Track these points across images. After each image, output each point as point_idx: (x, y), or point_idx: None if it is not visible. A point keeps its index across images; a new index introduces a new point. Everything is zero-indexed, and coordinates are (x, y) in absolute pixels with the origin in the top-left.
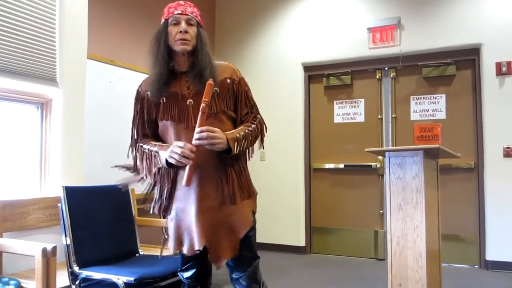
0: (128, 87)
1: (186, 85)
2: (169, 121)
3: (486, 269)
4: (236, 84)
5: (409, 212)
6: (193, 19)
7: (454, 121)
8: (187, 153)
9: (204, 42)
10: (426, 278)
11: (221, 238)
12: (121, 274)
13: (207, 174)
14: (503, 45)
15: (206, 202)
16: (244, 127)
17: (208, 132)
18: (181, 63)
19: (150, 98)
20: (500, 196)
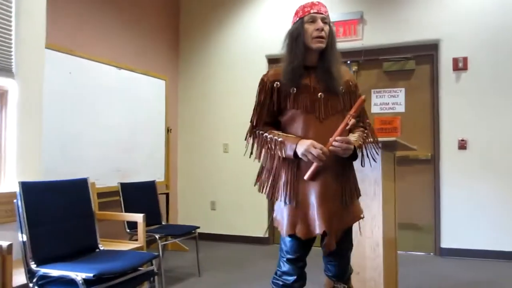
0: (89, 78)
1: (316, 79)
2: (299, 110)
3: (440, 256)
4: (355, 87)
5: (368, 203)
6: (326, 17)
7: (413, 114)
8: (322, 156)
9: (334, 40)
10: (382, 266)
11: (334, 226)
12: (80, 270)
13: (330, 171)
14: (460, 41)
15: (326, 195)
16: (361, 133)
17: (347, 145)
18: (311, 59)
19: (282, 88)
20: (454, 187)
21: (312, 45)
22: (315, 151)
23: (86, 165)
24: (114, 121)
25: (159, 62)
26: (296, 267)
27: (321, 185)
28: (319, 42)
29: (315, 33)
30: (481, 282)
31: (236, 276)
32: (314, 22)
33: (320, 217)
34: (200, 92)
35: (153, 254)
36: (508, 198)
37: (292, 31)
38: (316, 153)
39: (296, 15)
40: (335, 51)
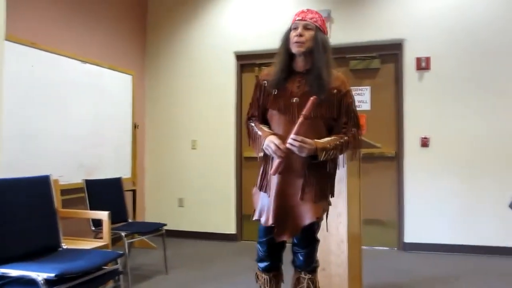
0: (52, 72)
1: (297, 85)
2: (275, 111)
3: (403, 251)
4: (341, 95)
5: (333, 200)
6: (310, 24)
7: (378, 112)
8: (279, 152)
9: (320, 44)
10: (347, 261)
11: (287, 220)
12: (41, 270)
13: (293, 169)
14: (423, 41)
15: (285, 190)
16: (337, 138)
17: (300, 143)
18: (299, 64)
19: (266, 87)
20: (417, 183)
21: (293, 50)
22: (273, 145)
23: (49, 161)
24: (79, 116)
25: (125, 57)
26: (265, 254)
27: (283, 181)
28: (297, 47)
29: (294, 39)
30: (442, 276)
31: (204, 274)
32: (296, 29)
33: (272, 211)
34: (168, 87)
35: (118, 252)
36: (468, 194)
37: (282, 38)
38: (273, 148)
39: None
40: (323, 57)
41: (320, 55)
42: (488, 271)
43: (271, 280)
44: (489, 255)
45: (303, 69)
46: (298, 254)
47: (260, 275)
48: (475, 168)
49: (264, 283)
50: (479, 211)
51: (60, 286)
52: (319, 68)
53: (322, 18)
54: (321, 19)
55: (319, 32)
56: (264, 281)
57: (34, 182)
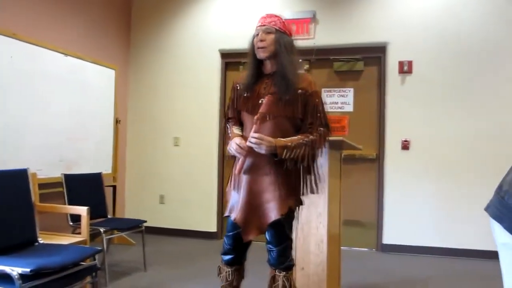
0: (33, 64)
1: (264, 86)
2: (245, 112)
3: (382, 252)
4: (307, 95)
5: (314, 200)
6: (270, 27)
7: (360, 114)
8: (239, 150)
9: (283, 46)
10: (326, 261)
11: (254, 219)
12: (16, 265)
13: (259, 168)
14: (406, 45)
15: (252, 189)
16: (301, 137)
17: (257, 139)
18: (267, 67)
19: (239, 90)
20: (397, 185)
21: (258, 55)
22: (234, 145)
23: (28, 154)
24: (59, 110)
25: (109, 51)
26: (230, 247)
27: (250, 180)
28: (261, 52)
29: (257, 45)
30: (419, 277)
31: (183, 271)
32: (257, 35)
33: (239, 209)
34: (151, 83)
35: (96, 248)
36: (447, 197)
37: (249, 44)
38: (234, 147)
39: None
40: (287, 59)
41: (284, 56)
42: (464, 274)
43: (233, 274)
44: (466, 258)
45: (271, 71)
46: (271, 252)
47: (222, 268)
48: (454, 171)
49: (226, 276)
50: (457, 214)
51: (36, 281)
52: (284, 69)
53: (282, 20)
54: (281, 21)
55: (281, 34)
56: (226, 274)
57: (12, 175)
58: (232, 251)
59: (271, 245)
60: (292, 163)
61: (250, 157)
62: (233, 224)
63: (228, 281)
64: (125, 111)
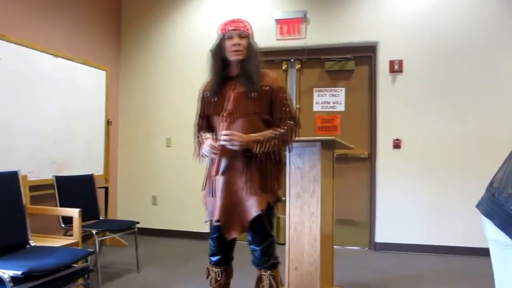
0: (22, 65)
1: (232, 88)
2: (216, 116)
3: (374, 250)
4: (274, 92)
5: (307, 200)
6: (243, 32)
7: (352, 113)
8: (213, 150)
9: (254, 51)
10: (320, 261)
11: (234, 217)
12: (7, 267)
13: (235, 166)
14: (397, 44)
15: (230, 188)
16: (271, 131)
17: (229, 136)
18: (234, 69)
19: (207, 98)
20: (388, 184)
21: (231, 58)
22: (207, 147)
23: (18, 156)
24: (50, 112)
25: (99, 52)
26: (216, 249)
27: (226, 180)
28: (237, 55)
29: (232, 48)
30: (411, 275)
31: (176, 272)
32: (231, 38)
33: (219, 209)
34: (143, 84)
35: (88, 250)
36: (438, 195)
37: (213, 48)
38: (208, 148)
39: (218, 31)
40: (254, 61)
41: (252, 60)
42: (456, 271)
43: (222, 273)
44: (458, 255)
45: (236, 73)
46: (254, 252)
47: (211, 270)
48: (445, 169)
49: (216, 276)
50: (448, 212)
51: (28, 284)
52: (248, 70)
53: (250, 26)
54: (250, 26)
55: (251, 39)
56: (215, 274)
57: (2, 177)
58: (219, 252)
59: (253, 245)
60: (265, 157)
61: (225, 158)
62: (216, 226)
63: (217, 281)
64: (116, 112)
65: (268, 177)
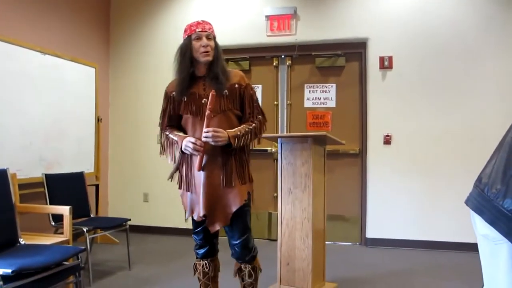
0: (9, 63)
1: (203, 87)
2: (188, 115)
3: (366, 246)
4: (243, 88)
5: (298, 196)
6: (210, 34)
7: (343, 109)
8: (197, 147)
9: (220, 52)
10: (311, 256)
11: (217, 210)
12: None
13: (214, 161)
14: (387, 41)
15: (211, 182)
16: (245, 126)
17: (213, 133)
18: (201, 69)
19: (175, 97)
20: (379, 180)
21: (200, 59)
22: (190, 144)
23: (7, 155)
24: (39, 109)
25: (88, 49)
26: (202, 241)
27: (207, 175)
28: (206, 56)
29: (201, 49)
30: (402, 270)
31: (167, 269)
32: (200, 39)
33: (202, 203)
34: (133, 81)
35: (79, 248)
36: (428, 190)
37: (181, 47)
38: (191, 146)
39: (185, 33)
40: (221, 62)
41: (219, 60)
42: (445, 266)
43: (209, 265)
44: (447, 251)
45: (204, 73)
46: (234, 247)
47: (198, 264)
48: (436, 165)
49: (203, 268)
50: (438, 208)
51: (18, 282)
52: (215, 70)
53: (213, 27)
54: (213, 28)
55: (215, 40)
56: (203, 268)
57: None
58: (205, 243)
59: (233, 239)
60: (240, 150)
61: (206, 153)
62: (195, 223)
63: (206, 274)
64: (106, 109)
65: (245, 169)
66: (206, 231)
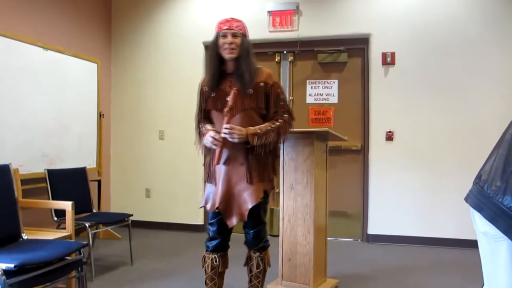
0: (11, 58)
1: (229, 84)
2: (214, 110)
3: (367, 242)
4: (269, 87)
5: (300, 192)
6: (237, 32)
7: (345, 105)
8: (214, 142)
9: (246, 50)
10: (313, 252)
11: (233, 206)
12: (0, 260)
13: (235, 158)
14: (389, 36)
15: (230, 177)
16: (268, 124)
17: (230, 130)
18: (230, 67)
19: (206, 93)
20: (381, 176)
21: (225, 56)
22: (210, 138)
23: (9, 150)
24: (41, 105)
25: (90, 44)
26: (215, 234)
27: (227, 170)
28: (230, 53)
29: (225, 46)
30: (404, 266)
31: (169, 264)
32: (225, 37)
33: (219, 197)
34: (135, 76)
35: (81, 242)
36: (430, 187)
37: (210, 45)
38: (210, 140)
39: (215, 30)
40: (248, 60)
41: (245, 58)
42: (446, 262)
43: (219, 259)
44: (448, 247)
45: (232, 70)
46: (247, 235)
47: (207, 256)
48: (437, 162)
49: (211, 263)
50: (440, 204)
51: (21, 277)
52: (242, 68)
53: (245, 25)
54: (244, 26)
55: (245, 38)
56: (212, 261)
57: None
58: (218, 236)
59: (247, 228)
60: (261, 148)
61: (226, 149)
62: (214, 213)
63: (213, 268)
64: (108, 105)
65: (265, 167)
66: (221, 224)
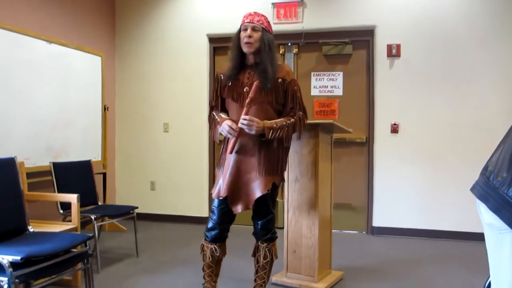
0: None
1: (247, 76)
2: (229, 99)
3: (372, 235)
4: (287, 83)
5: (305, 184)
6: (258, 26)
7: (350, 97)
8: (231, 131)
9: (266, 44)
10: (318, 244)
11: (241, 194)
12: (6, 253)
13: (247, 149)
14: (394, 28)
15: (239, 167)
16: (284, 119)
17: (248, 121)
18: (250, 59)
19: (222, 81)
20: (386, 169)
21: (244, 49)
22: (226, 126)
23: (14, 144)
24: (45, 98)
25: (94, 37)
26: (215, 222)
27: (237, 159)
28: (248, 47)
29: (244, 40)
30: (408, 259)
31: (174, 256)
32: (246, 30)
33: (225, 185)
34: (139, 69)
35: (87, 235)
36: (435, 179)
37: (234, 37)
38: (227, 128)
39: (240, 23)
40: (268, 54)
41: (265, 53)
42: (450, 255)
43: (217, 250)
44: (454, 240)
45: (253, 63)
46: (255, 225)
47: (206, 246)
48: (442, 154)
49: (210, 253)
50: (445, 197)
51: (27, 269)
52: (265, 63)
53: (267, 20)
54: (267, 20)
55: (265, 32)
56: (211, 251)
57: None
58: (218, 226)
59: (255, 219)
60: (276, 142)
61: (240, 139)
62: (219, 200)
63: (212, 257)
64: (113, 98)
65: (276, 160)
66: (223, 214)
